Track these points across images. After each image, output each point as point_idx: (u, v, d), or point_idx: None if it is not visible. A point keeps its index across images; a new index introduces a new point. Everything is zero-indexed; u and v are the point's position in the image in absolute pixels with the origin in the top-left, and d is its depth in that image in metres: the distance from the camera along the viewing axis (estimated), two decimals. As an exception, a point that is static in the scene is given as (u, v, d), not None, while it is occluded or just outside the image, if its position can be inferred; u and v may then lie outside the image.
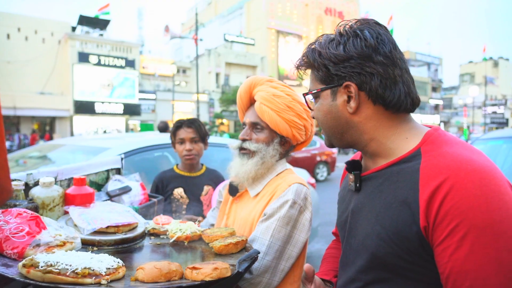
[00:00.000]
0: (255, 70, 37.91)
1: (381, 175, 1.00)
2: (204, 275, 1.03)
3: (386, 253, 0.92)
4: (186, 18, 55.64)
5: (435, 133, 0.97)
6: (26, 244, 1.10)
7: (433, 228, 0.84)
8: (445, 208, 0.82)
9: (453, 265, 0.81)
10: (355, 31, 0.99)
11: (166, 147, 3.59)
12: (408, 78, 1.00)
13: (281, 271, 1.47)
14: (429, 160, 0.90)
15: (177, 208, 2.51)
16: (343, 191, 1.23)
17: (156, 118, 32.70)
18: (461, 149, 0.90)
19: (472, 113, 41.88)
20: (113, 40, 29.75)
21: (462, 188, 0.81)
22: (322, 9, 43.62)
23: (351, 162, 1.10)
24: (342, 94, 1.00)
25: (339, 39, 1.00)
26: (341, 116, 1.03)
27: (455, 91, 64.02)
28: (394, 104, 0.98)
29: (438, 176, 0.85)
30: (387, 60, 0.96)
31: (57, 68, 27.65)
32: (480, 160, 0.87)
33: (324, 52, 1.00)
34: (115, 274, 1.00)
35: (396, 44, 1.00)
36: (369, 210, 1.00)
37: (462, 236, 0.80)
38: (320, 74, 1.03)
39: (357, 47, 0.96)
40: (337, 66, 0.98)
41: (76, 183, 1.61)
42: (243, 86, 1.71)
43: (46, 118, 28.05)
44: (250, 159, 1.62)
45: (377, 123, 1.00)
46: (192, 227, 1.52)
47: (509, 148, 4.14)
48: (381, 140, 1.01)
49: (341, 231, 1.18)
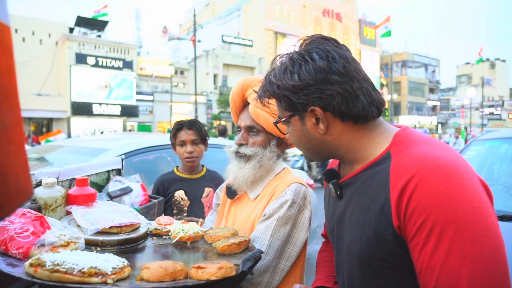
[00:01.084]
0: (253, 71, 37.93)
1: (357, 180, 1.02)
2: (209, 274, 1.03)
3: (370, 256, 0.95)
4: (184, 19, 55.63)
5: (403, 133, 0.99)
6: (31, 244, 1.10)
7: (404, 227, 0.86)
8: (412, 206, 0.84)
9: (422, 260, 0.84)
10: (304, 56, 1.00)
11: (166, 148, 3.59)
12: (367, 87, 1.01)
13: (282, 271, 1.48)
14: (397, 161, 0.92)
15: (178, 211, 2.51)
16: (327, 198, 1.25)
17: (154, 119, 32.70)
18: (427, 147, 0.92)
19: (469, 114, 42.00)
20: (110, 41, 29.70)
21: (425, 185, 0.83)
22: (320, 11, 43.70)
23: (327, 172, 1.14)
24: (309, 118, 1.03)
25: (291, 68, 1.01)
26: (314, 138, 1.05)
27: (452, 92, 64.20)
28: (361, 116, 1.00)
29: (404, 176, 0.87)
30: (343, 77, 0.97)
31: (55, 70, 27.60)
32: (444, 156, 0.88)
33: (281, 83, 1.02)
34: (120, 274, 1.01)
35: (347, 57, 1.00)
36: (351, 215, 1.03)
37: (428, 232, 0.82)
38: (283, 104, 1.06)
39: (310, 73, 0.97)
40: (297, 95, 1.00)
41: (78, 184, 1.61)
42: (235, 88, 1.70)
43: (43, 120, 27.97)
44: (247, 163, 1.61)
45: (350, 136, 1.03)
46: (194, 227, 1.53)
47: (506, 148, 4.17)
48: (356, 150, 1.03)
49: (331, 238, 1.20)
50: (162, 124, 32.82)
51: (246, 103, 1.70)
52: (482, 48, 38.36)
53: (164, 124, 32.35)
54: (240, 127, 1.68)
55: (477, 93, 48.69)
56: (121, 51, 29.95)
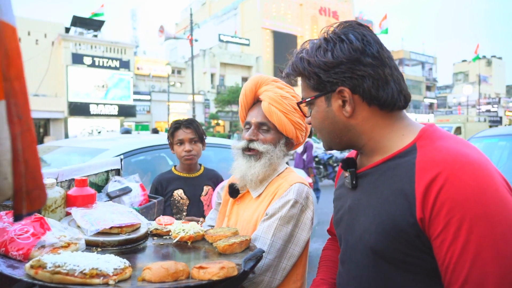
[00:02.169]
0: (250, 71, 37.93)
1: (377, 171, 1.01)
2: (211, 274, 1.03)
3: (385, 247, 0.94)
4: (180, 19, 55.54)
5: (430, 129, 0.99)
6: (31, 245, 1.09)
7: (429, 221, 0.85)
8: (440, 200, 0.83)
9: (451, 255, 0.82)
10: (340, 36, 1.00)
11: (164, 148, 3.58)
12: (398, 76, 1.01)
13: (283, 270, 1.48)
14: (425, 154, 0.91)
15: (177, 210, 2.50)
16: (339, 189, 1.24)
17: (151, 119, 32.63)
18: (456, 144, 0.92)
19: (466, 112, 42.14)
20: (107, 41, 29.58)
21: (457, 180, 0.83)
22: (317, 9, 43.73)
23: (346, 160, 1.12)
24: (336, 99, 1.02)
25: (325, 45, 1.00)
26: (338, 120, 1.04)
27: (449, 90, 64.46)
28: (389, 103, 0.99)
29: (433, 169, 0.86)
30: (376, 61, 0.97)
31: (51, 70, 27.46)
32: (474, 154, 0.88)
33: (313, 60, 1.01)
34: (122, 275, 1.00)
35: (381, 43, 1.01)
36: (366, 205, 1.01)
37: (458, 227, 0.81)
38: (311, 82, 1.04)
39: (344, 51, 0.97)
40: (328, 73, 0.99)
41: (78, 184, 1.60)
42: (249, 84, 1.68)
43: (40, 120, 27.85)
44: (257, 161, 1.60)
45: (374, 123, 1.02)
46: (195, 227, 1.52)
47: (504, 145, 4.19)
48: (378, 139, 1.03)
49: (338, 229, 1.19)
50: (160, 124, 32.76)
51: (256, 100, 1.70)
52: (478, 46, 38.43)
53: (162, 124, 32.30)
54: (250, 123, 1.66)
55: (473, 91, 48.89)
56: (117, 51, 29.84)
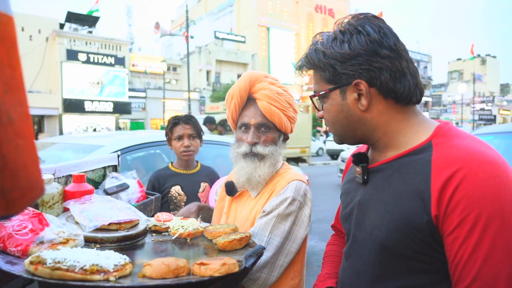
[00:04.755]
0: (246, 68, 37.86)
1: (390, 167, 1.00)
2: (212, 270, 1.02)
3: (395, 243, 0.93)
4: (176, 15, 55.27)
5: (446, 127, 0.98)
6: (30, 241, 1.08)
7: (444, 217, 0.85)
8: (457, 197, 0.82)
9: (463, 253, 0.82)
10: (356, 27, 0.98)
11: (160, 144, 3.56)
12: (414, 69, 1.00)
13: (280, 267, 1.47)
14: (441, 152, 0.90)
15: (175, 206, 2.49)
16: (347, 183, 1.22)
17: (147, 116, 32.51)
18: (473, 142, 0.91)
19: (460, 110, 42.37)
20: (102, 38, 29.39)
21: (475, 178, 0.82)
22: (312, 7, 43.67)
23: (358, 155, 1.10)
24: (351, 92, 1.00)
25: (341, 37, 0.98)
26: (353, 114, 1.02)
27: (444, 88, 64.79)
28: (405, 96, 0.98)
29: (451, 166, 0.86)
30: (393, 53, 0.96)
31: (45, 66, 27.25)
32: (491, 153, 0.88)
33: (328, 51, 0.99)
34: (122, 271, 0.99)
35: (397, 36, 1.00)
36: (378, 201, 1.00)
37: (473, 225, 0.81)
38: (326, 74, 1.02)
39: (362, 43, 0.95)
40: (344, 65, 0.97)
41: (76, 180, 1.59)
42: (242, 83, 1.60)
43: (35, 117, 27.61)
44: (261, 162, 1.57)
45: (389, 117, 1.00)
46: (194, 223, 1.51)
47: (499, 142, 4.26)
48: (393, 134, 1.01)
49: (345, 224, 1.17)
50: (155, 121, 32.66)
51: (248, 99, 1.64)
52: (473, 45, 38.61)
53: (157, 121, 32.18)
54: (249, 124, 1.60)
55: (468, 89, 49.18)
56: (112, 47, 29.65)
